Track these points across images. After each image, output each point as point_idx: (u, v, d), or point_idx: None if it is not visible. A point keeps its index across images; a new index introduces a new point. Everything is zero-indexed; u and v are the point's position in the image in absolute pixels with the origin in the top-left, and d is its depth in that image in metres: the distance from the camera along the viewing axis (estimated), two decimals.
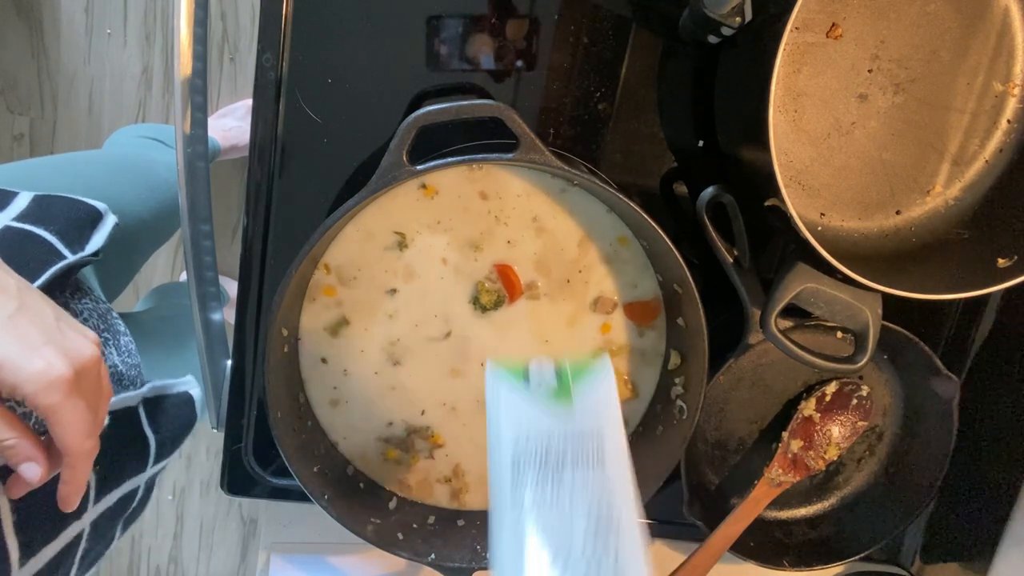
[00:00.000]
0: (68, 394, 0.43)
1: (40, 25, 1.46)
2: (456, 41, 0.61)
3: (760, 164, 0.52)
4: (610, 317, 0.63)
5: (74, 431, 0.44)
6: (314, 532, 0.74)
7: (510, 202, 0.60)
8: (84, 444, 0.45)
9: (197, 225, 0.65)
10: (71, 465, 0.45)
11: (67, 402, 0.43)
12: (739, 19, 0.51)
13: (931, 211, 0.61)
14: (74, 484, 0.46)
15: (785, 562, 0.70)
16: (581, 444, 0.40)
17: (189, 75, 0.61)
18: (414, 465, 0.66)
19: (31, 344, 0.42)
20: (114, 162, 0.94)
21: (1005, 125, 0.60)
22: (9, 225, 0.63)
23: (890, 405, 0.72)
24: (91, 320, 0.65)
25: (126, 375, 0.66)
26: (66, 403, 0.43)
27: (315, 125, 0.61)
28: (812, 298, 0.59)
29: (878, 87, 0.58)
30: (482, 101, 0.57)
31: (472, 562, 0.63)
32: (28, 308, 0.44)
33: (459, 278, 0.62)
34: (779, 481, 0.69)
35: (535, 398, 0.42)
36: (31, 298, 0.45)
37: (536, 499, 0.38)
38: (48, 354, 0.43)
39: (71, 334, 0.45)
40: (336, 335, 0.63)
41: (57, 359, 0.43)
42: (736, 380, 0.69)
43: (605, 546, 0.37)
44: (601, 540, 0.37)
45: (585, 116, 0.63)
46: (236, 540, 1.71)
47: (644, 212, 0.55)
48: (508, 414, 0.41)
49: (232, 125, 1.41)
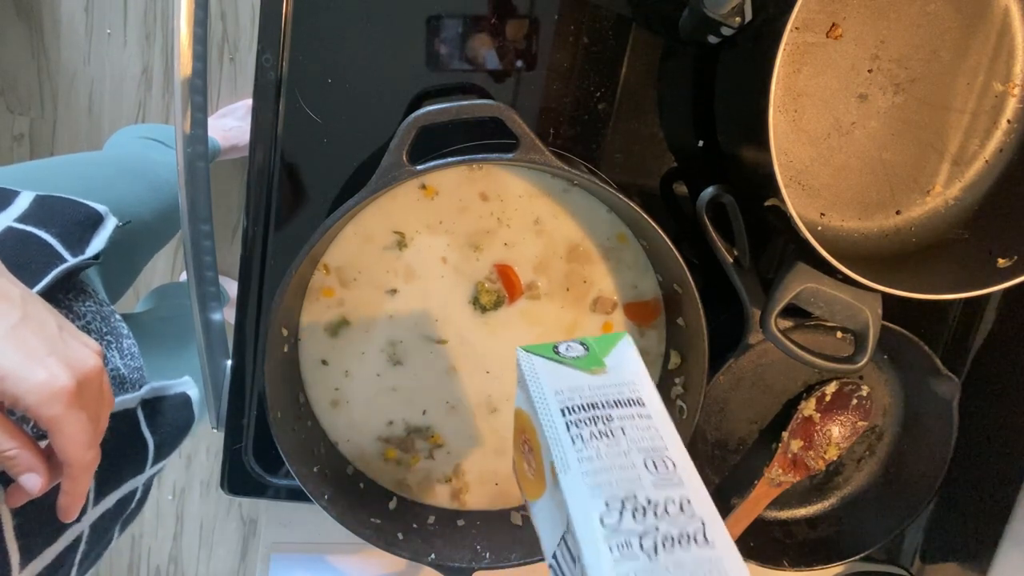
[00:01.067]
0: (70, 405, 0.43)
1: (40, 25, 1.46)
2: (456, 41, 0.61)
3: (760, 164, 0.52)
4: (610, 317, 0.63)
5: (75, 443, 0.44)
6: (314, 532, 0.74)
7: (511, 203, 0.60)
8: (85, 455, 0.44)
9: (197, 225, 0.65)
10: (72, 476, 0.45)
11: (69, 414, 0.43)
12: (739, 19, 0.51)
13: (931, 211, 0.61)
14: (74, 495, 0.46)
15: (785, 562, 0.70)
16: (623, 396, 0.42)
17: (189, 75, 0.61)
18: (414, 465, 0.66)
19: (34, 355, 0.42)
20: (115, 163, 0.94)
21: (1005, 125, 0.60)
22: (11, 226, 0.63)
23: (890, 405, 0.72)
24: (94, 323, 0.65)
25: (128, 378, 0.66)
26: (68, 415, 0.43)
27: (315, 125, 0.61)
28: (812, 298, 0.59)
29: (878, 87, 0.58)
30: (482, 101, 0.57)
31: (472, 562, 0.63)
32: (31, 318, 0.44)
33: (459, 278, 0.62)
34: (779, 481, 0.69)
35: (569, 366, 0.44)
36: (35, 308, 0.45)
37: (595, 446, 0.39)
38: (51, 365, 0.42)
39: (74, 344, 0.45)
40: (336, 335, 0.63)
41: (60, 370, 0.43)
42: (736, 380, 0.69)
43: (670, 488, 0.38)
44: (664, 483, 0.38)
45: (585, 116, 0.63)
46: (236, 540, 1.71)
47: (644, 212, 0.55)
48: (548, 381, 0.43)
49: (232, 125, 1.41)
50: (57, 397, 0.42)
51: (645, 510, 0.37)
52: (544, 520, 0.43)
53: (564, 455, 0.39)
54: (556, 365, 0.44)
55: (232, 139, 1.39)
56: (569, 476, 0.39)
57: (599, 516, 0.36)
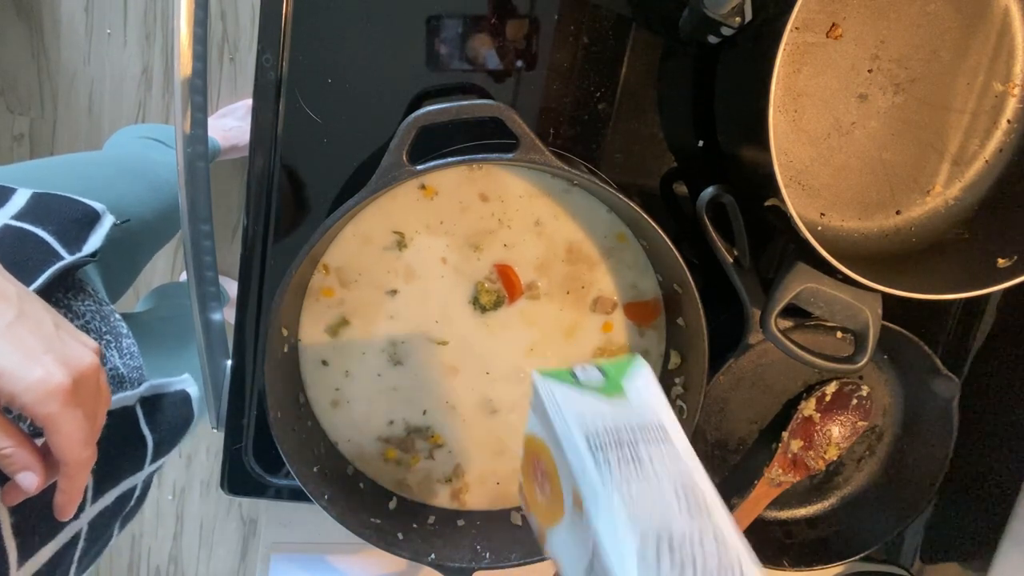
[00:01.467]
0: (66, 403, 0.43)
1: (40, 25, 1.46)
2: (456, 41, 0.61)
3: (760, 164, 0.52)
4: (610, 317, 0.63)
5: (72, 441, 0.43)
6: (314, 532, 0.74)
7: (512, 204, 0.60)
8: (82, 454, 0.44)
9: (197, 225, 0.65)
10: (68, 474, 0.45)
11: (65, 412, 0.43)
12: (739, 19, 0.51)
13: (931, 211, 0.61)
14: (71, 493, 0.46)
15: (785, 562, 0.70)
16: (645, 423, 0.41)
17: (189, 75, 0.61)
18: (414, 465, 0.66)
19: (30, 353, 0.42)
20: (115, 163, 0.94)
21: (1005, 125, 0.60)
22: (8, 223, 0.63)
23: (890, 405, 0.72)
24: (93, 322, 0.65)
25: (127, 377, 0.66)
26: (64, 412, 0.43)
27: (315, 125, 0.61)
28: (812, 298, 0.59)
29: (878, 87, 0.58)
30: (482, 101, 0.57)
31: (472, 562, 0.63)
32: (28, 316, 0.44)
33: (459, 279, 0.62)
34: (779, 481, 0.69)
35: (588, 392, 0.43)
36: (31, 306, 0.45)
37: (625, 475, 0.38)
38: (47, 363, 0.42)
39: (71, 342, 0.45)
40: (336, 336, 0.63)
41: (56, 368, 0.43)
42: (736, 380, 0.69)
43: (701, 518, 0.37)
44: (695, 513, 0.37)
45: (585, 116, 0.63)
46: (236, 540, 1.71)
47: (644, 212, 0.55)
48: (569, 408, 0.42)
49: (232, 125, 1.41)
50: (53, 395, 0.42)
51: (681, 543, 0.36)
52: (565, 548, 0.42)
53: (591, 484, 0.38)
54: (575, 391, 0.43)
55: (232, 139, 1.39)
56: (599, 506, 0.38)
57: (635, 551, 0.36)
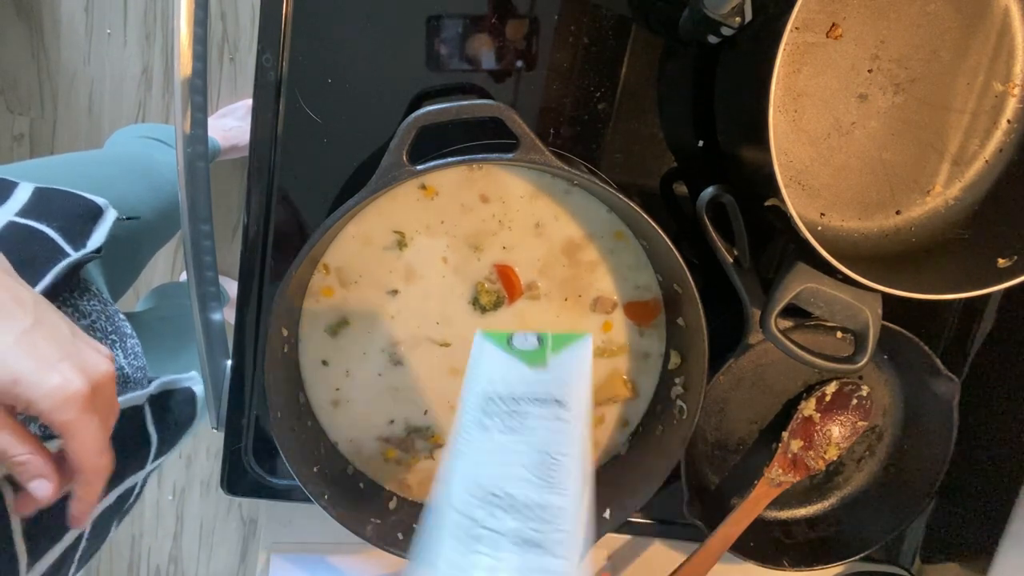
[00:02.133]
0: (84, 410, 0.43)
1: (40, 25, 1.46)
2: (456, 41, 0.61)
3: (760, 164, 0.52)
4: (610, 317, 0.63)
5: (89, 448, 0.43)
6: (314, 532, 0.74)
7: (513, 205, 0.60)
8: (99, 461, 0.44)
9: (197, 225, 0.65)
10: (85, 482, 0.45)
11: (83, 418, 0.43)
12: (739, 19, 0.51)
13: (931, 211, 0.61)
14: (87, 501, 0.46)
15: (785, 562, 0.70)
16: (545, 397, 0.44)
17: (189, 75, 0.61)
18: (414, 465, 0.66)
19: (47, 360, 0.42)
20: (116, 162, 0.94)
21: (1005, 125, 0.60)
22: (12, 221, 0.63)
23: (890, 405, 0.72)
24: (99, 322, 0.65)
25: (132, 377, 0.66)
26: (82, 419, 0.43)
27: (315, 125, 0.61)
28: (812, 298, 0.59)
29: (878, 87, 0.58)
30: (482, 101, 0.57)
31: None
32: (44, 323, 0.44)
33: (459, 279, 0.62)
34: (779, 481, 0.69)
35: (515, 355, 0.47)
36: (47, 312, 0.45)
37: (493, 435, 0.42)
38: (64, 370, 0.42)
39: (87, 349, 0.45)
40: (336, 336, 0.63)
41: (74, 375, 0.42)
42: (736, 380, 0.69)
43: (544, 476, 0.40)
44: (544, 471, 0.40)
45: (585, 116, 0.63)
46: (236, 540, 1.71)
47: (644, 212, 0.55)
48: (488, 363, 0.46)
49: (232, 125, 1.41)
50: (71, 402, 0.42)
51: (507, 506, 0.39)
52: None
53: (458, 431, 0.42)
54: (502, 354, 0.47)
55: (232, 139, 1.39)
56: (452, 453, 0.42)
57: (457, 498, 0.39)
